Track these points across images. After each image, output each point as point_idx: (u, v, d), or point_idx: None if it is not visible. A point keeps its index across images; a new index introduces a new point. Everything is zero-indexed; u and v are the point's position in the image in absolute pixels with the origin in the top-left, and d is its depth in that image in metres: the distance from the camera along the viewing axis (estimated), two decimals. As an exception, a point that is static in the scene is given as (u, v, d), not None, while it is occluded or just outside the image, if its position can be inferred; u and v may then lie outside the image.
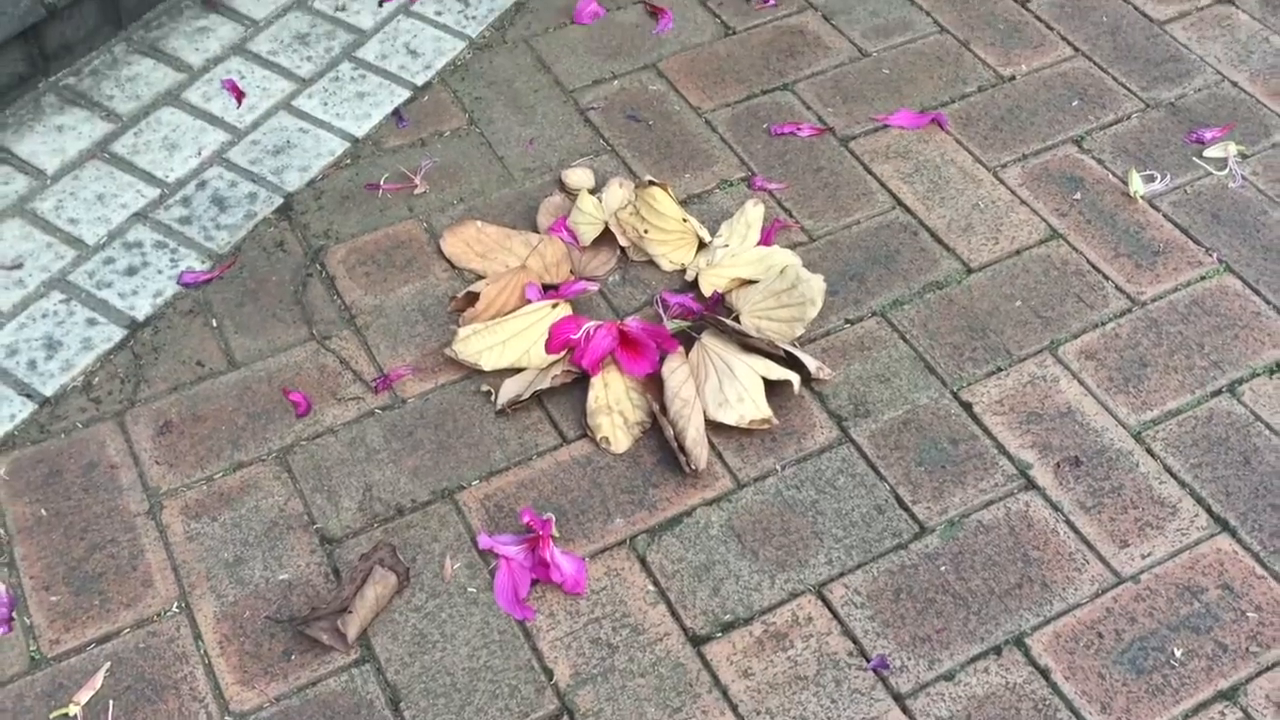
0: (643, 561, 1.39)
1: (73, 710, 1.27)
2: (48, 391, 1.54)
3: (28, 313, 1.61)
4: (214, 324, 1.62)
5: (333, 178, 1.80)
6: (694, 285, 1.65)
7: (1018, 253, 1.71)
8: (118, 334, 1.60)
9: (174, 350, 1.59)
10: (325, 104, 1.89)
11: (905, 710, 1.29)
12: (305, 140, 1.84)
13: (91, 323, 1.61)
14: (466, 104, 1.90)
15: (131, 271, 1.66)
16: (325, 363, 1.58)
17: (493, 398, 1.53)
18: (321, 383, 1.56)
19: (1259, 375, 1.57)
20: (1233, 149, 1.83)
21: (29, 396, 1.53)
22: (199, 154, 1.81)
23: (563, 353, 1.55)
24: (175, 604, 1.36)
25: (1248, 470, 1.48)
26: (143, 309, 1.63)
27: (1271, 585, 1.38)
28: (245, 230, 1.72)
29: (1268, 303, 1.65)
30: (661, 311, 1.62)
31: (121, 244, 1.70)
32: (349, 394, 1.55)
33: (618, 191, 1.73)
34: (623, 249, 1.69)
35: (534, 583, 1.37)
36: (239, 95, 1.89)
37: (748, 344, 1.54)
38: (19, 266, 1.66)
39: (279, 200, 1.76)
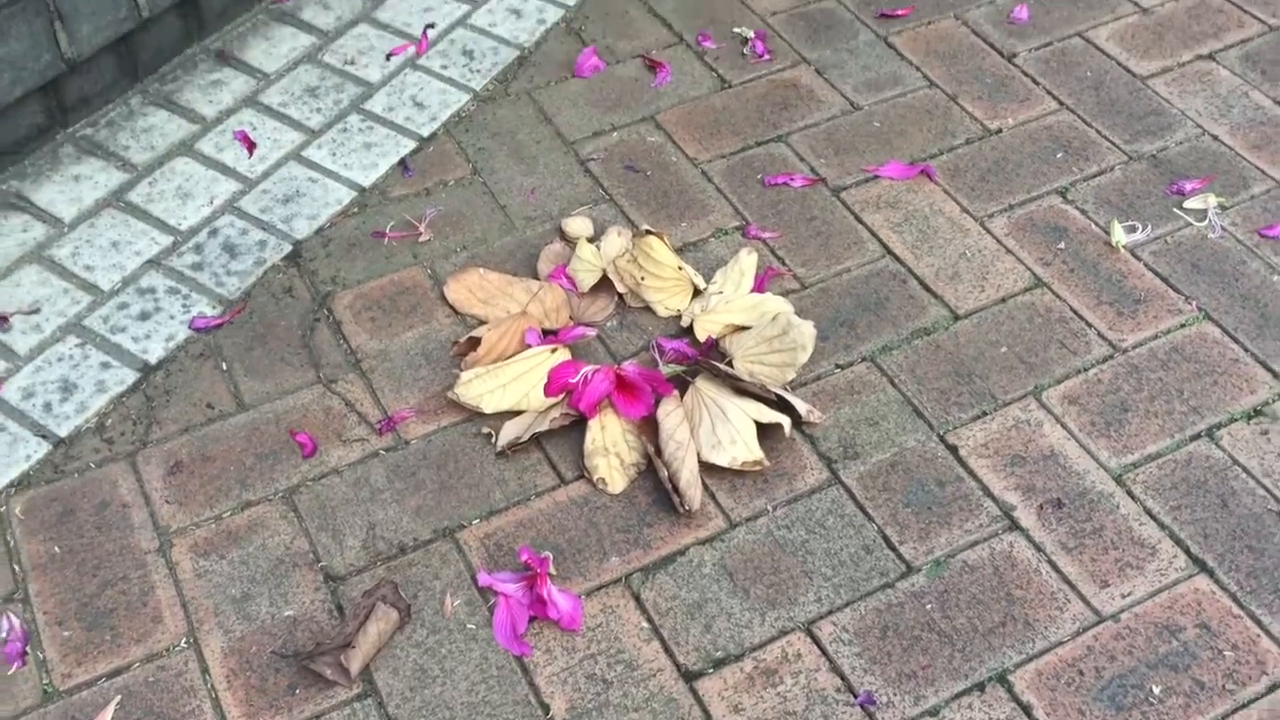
0: (637, 599, 1.44)
1: (84, 742, 1.31)
2: (62, 433, 1.59)
3: (44, 356, 1.67)
4: (224, 367, 1.67)
5: (340, 226, 1.85)
6: (689, 331, 1.71)
7: (1003, 300, 1.76)
8: (130, 377, 1.65)
9: (185, 393, 1.64)
10: (334, 154, 1.95)
11: (891, 745, 1.33)
12: (314, 189, 1.90)
13: (105, 366, 1.66)
14: (470, 154, 1.97)
15: (145, 316, 1.72)
16: (331, 405, 1.63)
17: (493, 440, 1.58)
18: (327, 424, 1.61)
19: (1237, 421, 1.62)
20: (1212, 200, 1.89)
21: (44, 437, 1.58)
22: (211, 203, 1.87)
23: (561, 396, 1.60)
24: (184, 639, 1.40)
25: (1225, 513, 1.52)
26: (155, 353, 1.68)
27: (1248, 624, 1.42)
28: (255, 276, 1.78)
29: (1245, 350, 1.70)
30: (657, 356, 1.67)
31: (135, 290, 1.75)
32: (354, 435, 1.60)
33: (616, 240, 1.79)
34: (620, 296, 1.74)
35: (532, 619, 1.41)
36: (250, 146, 1.95)
37: (740, 388, 1.59)
38: (36, 311, 1.71)
39: (288, 248, 1.82)
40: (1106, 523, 1.51)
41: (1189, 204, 1.89)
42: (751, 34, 2.16)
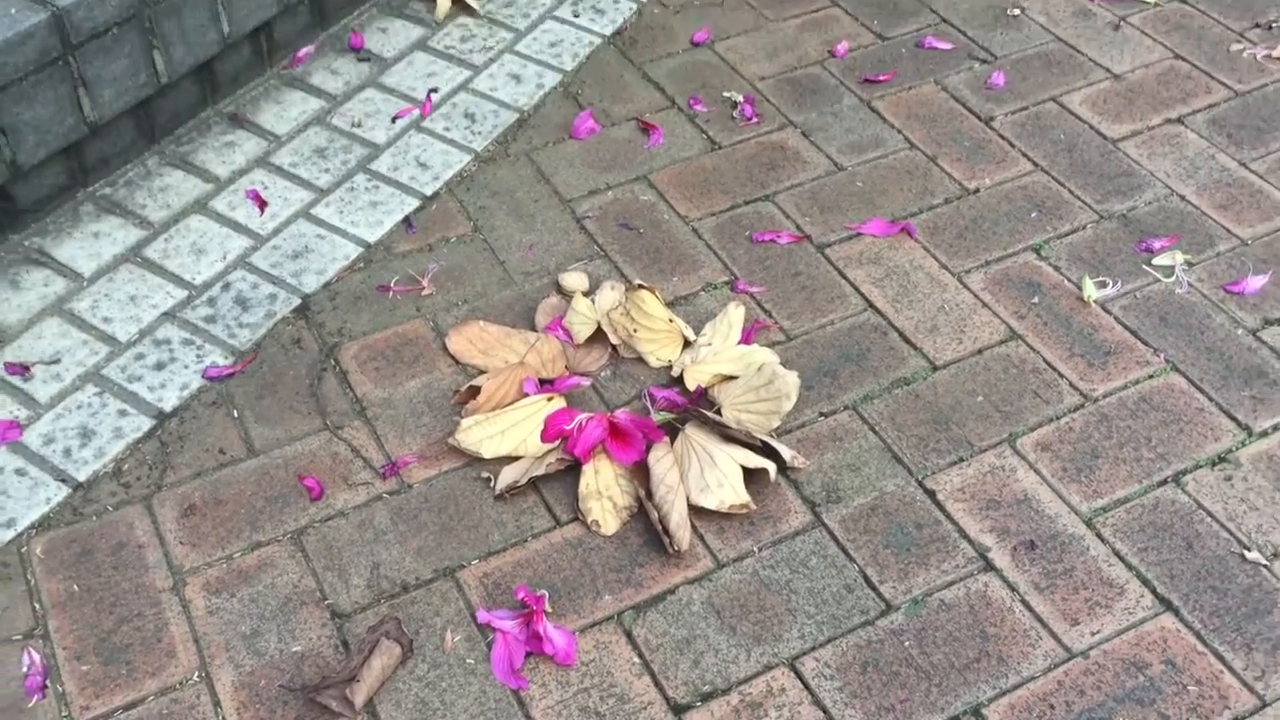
0: (629, 635, 1.51)
1: (100, 771, 1.38)
2: (81, 477, 1.67)
3: (64, 404, 1.75)
4: (235, 415, 1.75)
5: (347, 280, 1.94)
6: (679, 380, 1.79)
7: (979, 352, 1.84)
8: (146, 424, 1.73)
9: (198, 439, 1.72)
10: (341, 212, 2.04)
11: (871, 775, 1.39)
12: (322, 246, 1.99)
13: (122, 413, 1.74)
14: (471, 212, 2.06)
15: (160, 366, 1.80)
16: (338, 451, 1.71)
17: (492, 484, 1.66)
18: (334, 469, 1.68)
19: (1201, 467, 1.70)
20: (1179, 257, 1.98)
21: (64, 481, 1.66)
22: (224, 258, 1.96)
23: (557, 442, 1.68)
24: (196, 673, 1.47)
25: (1190, 555, 1.60)
26: (170, 401, 1.76)
27: (1211, 661, 1.49)
28: (265, 328, 1.86)
29: (1210, 400, 1.78)
30: (649, 405, 1.75)
31: (151, 341, 1.83)
32: (359, 480, 1.67)
33: (610, 294, 1.87)
34: (614, 347, 1.83)
35: (528, 655, 1.48)
36: (262, 204, 2.04)
37: (728, 435, 1.67)
38: (57, 361, 1.80)
39: (297, 301, 1.90)
40: (1077, 564, 1.58)
41: (1157, 261, 1.98)
42: (741, 98, 2.27)
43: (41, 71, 1.82)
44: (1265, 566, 1.58)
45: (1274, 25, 2.44)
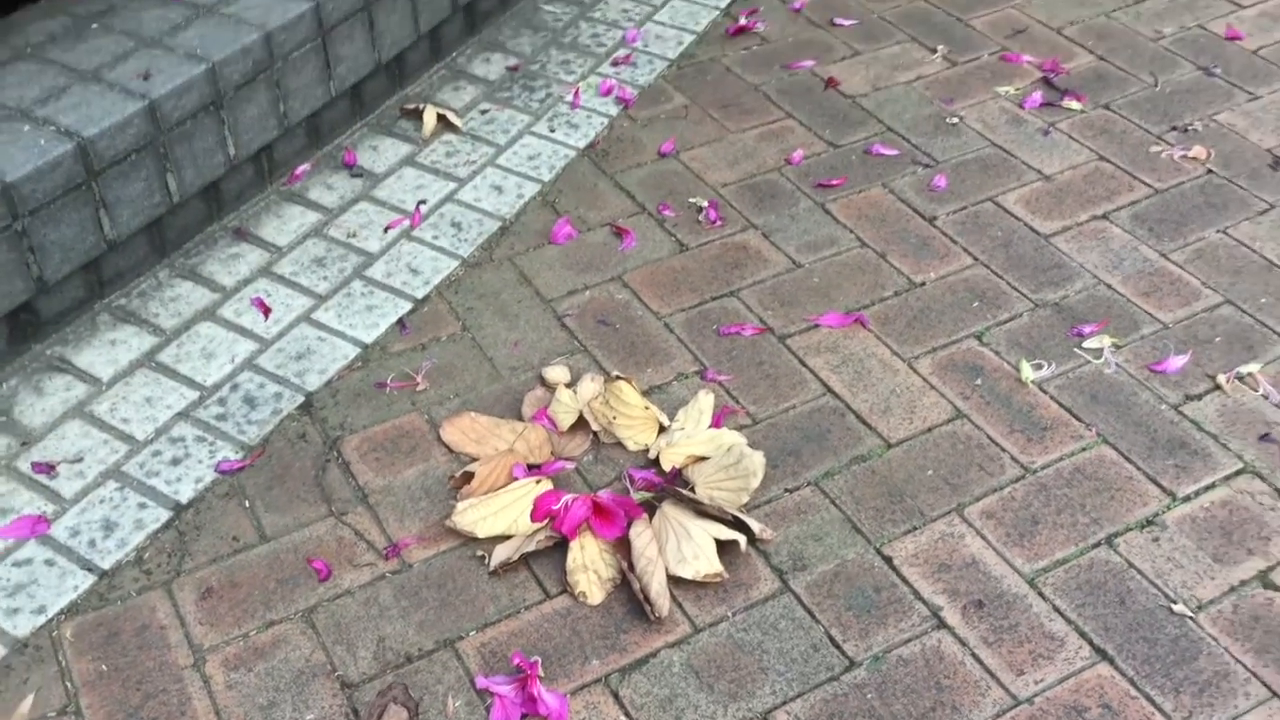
0: (616, 696, 1.64)
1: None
2: (106, 565, 1.80)
3: (88, 499, 1.89)
4: (247, 504, 1.89)
5: (347, 378, 2.10)
6: (656, 462, 1.95)
7: (929, 430, 2.02)
8: (165, 515, 1.87)
9: (213, 528, 1.86)
10: (340, 316, 2.21)
11: (839, 816, 1.52)
12: (323, 347, 2.15)
13: (142, 506, 1.88)
14: (460, 313, 2.23)
15: (176, 462, 1.95)
16: (343, 535, 1.85)
17: (486, 561, 1.80)
18: (340, 552, 1.83)
19: (1131, 530, 1.87)
20: (1108, 341, 2.17)
21: (90, 570, 1.79)
22: (232, 361, 2.12)
23: (545, 521, 1.83)
24: (218, 742, 1.60)
25: (1123, 609, 1.76)
26: (186, 493, 1.90)
27: (1144, 704, 1.64)
28: (273, 425, 2.01)
29: (1138, 469, 1.95)
30: (629, 485, 1.91)
31: (167, 439, 1.98)
32: (364, 561, 1.82)
33: (590, 385, 2.04)
34: (595, 433, 1.99)
35: (524, 717, 1.61)
36: (266, 311, 2.21)
37: (702, 510, 1.83)
38: (80, 460, 1.94)
39: (301, 398, 2.06)
40: (1021, 620, 1.74)
41: (1088, 344, 2.17)
42: (705, 203, 2.47)
43: (67, 195, 2.00)
44: (1190, 618, 1.74)
45: (1189, 128, 2.68)
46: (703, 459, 1.92)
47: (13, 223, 1.93)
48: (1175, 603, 1.75)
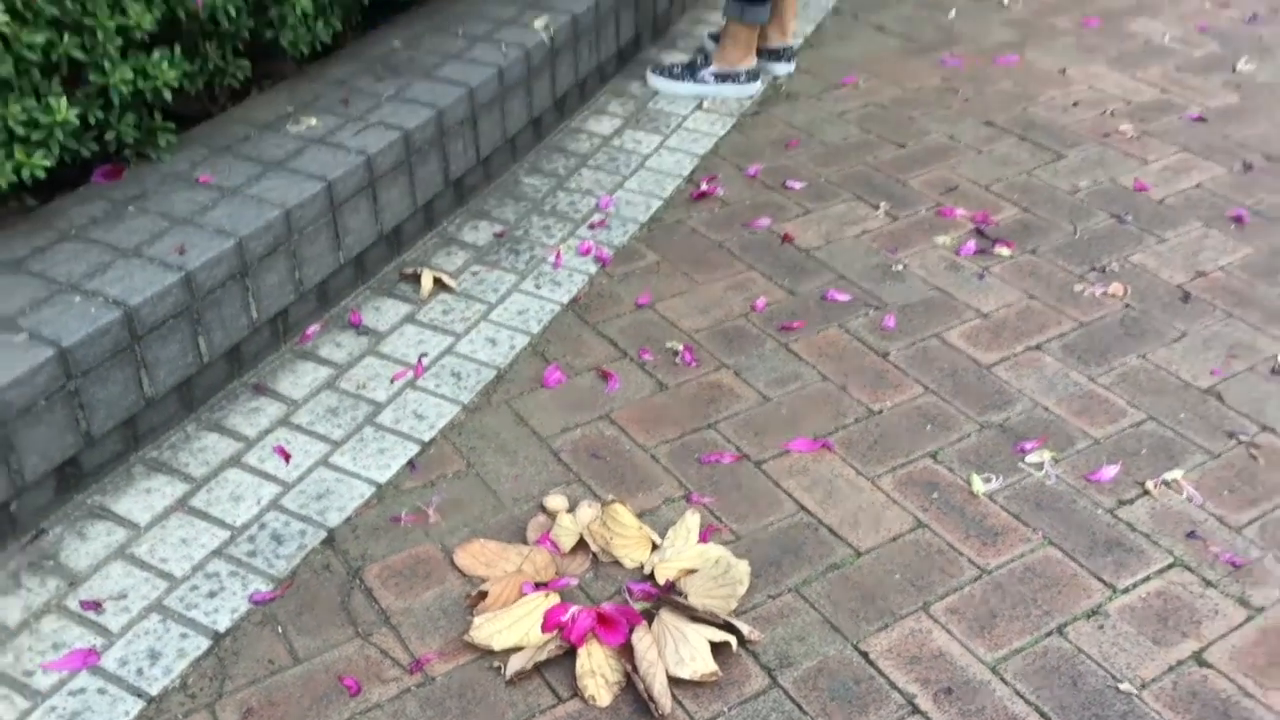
0: (628, 785, 1.82)
1: None
2: (153, 691, 1.96)
3: (133, 631, 2.05)
4: (280, 630, 2.07)
5: (364, 515, 2.30)
6: (651, 576, 2.15)
7: (894, 539, 2.24)
8: (205, 643, 2.04)
9: (250, 653, 2.03)
10: (354, 459, 2.42)
11: None
12: (341, 487, 2.36)
13: (184, 636, 2.05)
14: (464, 452, 2.45)
15: (212, 595, 2.13)
16: (369, 654, 2.03)
17: (502, 671, 1.98)
18: (368, 669, 2.00)
19: (1079, 619, 2.08)
20: (1047, 455, 2.43)
21: (139, 696, 1.95)
22: (259, 503, 2.32)
23: (555, 632, 2.02)
24: (267, 843, 1.74)
25: (1075, 690, 1.96)
26: (223, 623, 2.08)
27: (1099, 770, 1.84)
28: (299, 558, 2.20)
29: (1081, 566, 2.18)
30: (628, 596, 2.11)
31: (203, 574, 2.16)
32: (390, 676, 1.99)
33: (587, 510, 2.26)
34: (594, 553, 2.19)
35: (545, 807, 1.78)
36: (287, 457, 2.42)
37: (696, 616, 2.03)
38: (124, 597, 2.11)
39: (324, 534, 2.25)
40: (986, 703, 1.94)
41: (1030, 459, 2.42)
42: (681, 347, 2.72)
43: (114, 358, 2.22)
44: (1136, 695, 1.95)
45: (1107, 269, 3.00)
46: (693, 571, 2.13)
47: (67, 383, 2.14)
48: (1121, 682, 1.96)
